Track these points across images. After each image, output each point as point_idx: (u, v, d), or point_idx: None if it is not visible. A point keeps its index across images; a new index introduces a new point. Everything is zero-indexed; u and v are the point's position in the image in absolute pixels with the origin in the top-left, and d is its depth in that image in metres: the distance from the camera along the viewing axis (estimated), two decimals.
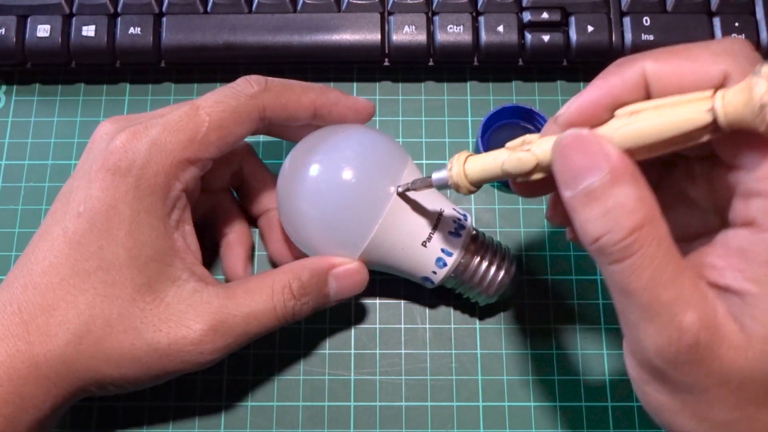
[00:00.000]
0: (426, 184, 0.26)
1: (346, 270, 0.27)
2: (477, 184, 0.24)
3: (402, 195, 0.27)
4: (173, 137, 0.24)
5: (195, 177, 0.26)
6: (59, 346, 0.23)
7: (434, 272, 0.28)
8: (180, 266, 0.25)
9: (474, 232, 0.29)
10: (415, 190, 0.26)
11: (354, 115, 0.28)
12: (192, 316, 0.24)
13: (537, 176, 0.22)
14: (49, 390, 0.23)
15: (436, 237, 0.28)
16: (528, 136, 0.22)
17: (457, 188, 0.24)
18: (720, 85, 0.19)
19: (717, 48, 0.19)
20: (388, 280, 0.33)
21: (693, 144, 0.19)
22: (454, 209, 0.28)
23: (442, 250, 0.28)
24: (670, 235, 0.19)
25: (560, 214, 0.25)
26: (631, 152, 0.19)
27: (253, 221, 0.33)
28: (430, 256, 0.28)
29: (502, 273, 0.29)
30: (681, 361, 0.18)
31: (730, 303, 0.19)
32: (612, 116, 0.20)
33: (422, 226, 0.27)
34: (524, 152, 0.21)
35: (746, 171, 0.19)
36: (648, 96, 0.20)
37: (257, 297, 0.26)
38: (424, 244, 0.27)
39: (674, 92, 0.19)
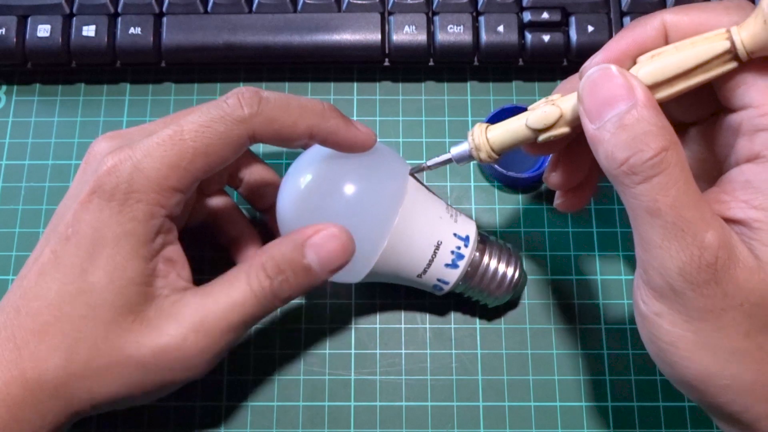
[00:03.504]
0: (443, 160, 0.26)
1: (323, 236, 0.25)
2: (499, 151, 0.24)
3: (409, 204, 0.27)
4: (155, 164, 0.24)
5: (179, 202, 0.25)
6: (50, 370, 0.23)
7: (438, 288, 0.29)
8: (161, 284, 0.25)
9: (479, 237, 0.29)
10: (429, 169, 0.27)
11: (350, 149, 0.27)
12: (172, 323, 0.24)
13: (560, 131, 0.23)
14: (45, 415, 0.24)
15: (432, 270, 0.28)
16: (550, 96, 0.24)
17: (478, 155, 0.25)
18: None
19: (729, 3, 0.22)
20: None
21: (710, 78, 0.21)
22: (454, 235, 0.28)
23: (438, 280, 0.29)
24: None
25: (557, 174, 0.27)
26: (653, 89, 0.21)
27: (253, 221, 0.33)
28: (428, 283, 0.29)
29: (509, 275, 0.29)
30: (701, 280, 0.19)
31: (737, 232, 0.20)
32: (635, 63, 0.22)
33: (418, 260, 0.28)
34: (549, 106, 0.23)
35: (752, 108, 0.21)
36: (667, 44, 0.22)
37: (233, 286, 0.25)
38: (419, 276, 0.28)
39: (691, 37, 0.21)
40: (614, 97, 0.20)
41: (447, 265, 0.28)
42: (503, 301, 0.30)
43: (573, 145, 0.26)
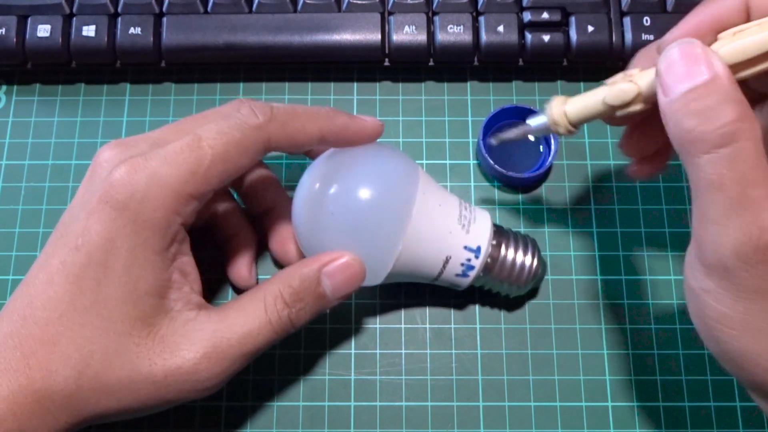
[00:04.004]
0: (522, 132, 0.27)
1: (337, 266, 0.26)
2: (576, 124, 0.25)
3: (418, 217, 0.27)
4: (174, 171, 0.23)
5: (194, 210, 0.25)
6: (60, 381, 0.23)
7: (454, 287, 0.30)
8: (175, 297, 0.25)
9: (496, 230, 0.29)
10: (509, 139, 0.27)
11: (362, 140, 0.28)
12: (186, 345, 0.24)
13: (637, 107, 0.23)
14: (51, 424, 0.23)
15: (444, 278, 0.29)
16: (629, 71, 0.23)
17: (556, 128, 0.25)
18: None
19: None
20: None
21: None
22: (465, 248, 0.28)
23: (452, 283, 0.30)
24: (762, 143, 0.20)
25: (632, 144, 0.27)
26: (735, 69, 0.20)
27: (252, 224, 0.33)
28: (443, 284, 0.30)
29: (528, 265, 0.30)
30: (756, 260, 0.19)
31: None
32: (715, 39, 0.22)
33: (429, 270, 0.28)
34: (626, 83, 0.23)
35: None
36: (749, 20, 0.21)
37: (250, 314, 0.25)
38: (434, 280, 0.29)
39: None
40: (692, 72, 0.20)
41: (457, 275, 0.29)
42: (524, 291, 0.30)
43: (648, 119, 0.26)
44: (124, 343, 0.24)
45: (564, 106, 0.25)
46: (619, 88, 0.23)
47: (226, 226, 0.31)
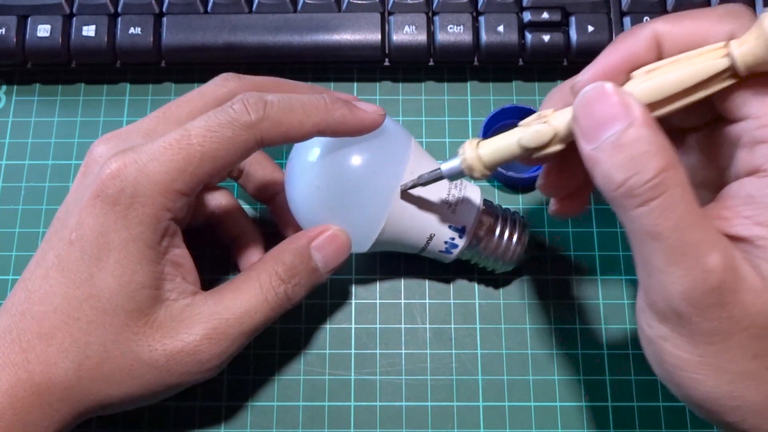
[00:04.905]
0: (434, 177, 0.26)
1: (324, 239, 0.27)
2: (491, 167, 0.24)
3: (405, 194, 0.27)
4: (163, 168, 0.23)
5: (184, 205, 0.25)
6: (59, 373, 0.23)
7: (441, 258, 0.30)
8: (169, 288, 0.25)
9: (484, 206, 0.29)
10: (422, 185, 0.26)
11: (360, 133, 0.27)
12: (185, 329, 0.25)
13: (554, 149, 0.22)
14: (52, 416, 0.24)
15: (429, 251, 0.29)
16: (542, 111, 0.23)
17: (470, 173, 0.24)
18: (729, 39, 0.20)
19: (721, 11, 0.21)
20: (389, 280, 0.33)
21: (708, 94, 0.20)
22: (449, 227, 0.29)
23: (436, 257, 0.30)
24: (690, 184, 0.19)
25: (551, 183, 0.26)
26: (652, 108, 0.20)
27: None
28: (430, 256, 0.30)
29: (515, 241, 0.30)
30: (706, 304, 0.19)
31: (741, 251, 0.19)
32: (629, 78, 0.21)
33: (414, 243, 0.29)
34: (541, 124, 0.22)
35: (752, 120, 0.20)
36: (661, 57, 0.21)
37: (246, 294, 0.26)
38: (420, 252, 0.30)
39: (686, 50, 0.20)
40: (610, 116, 0.19)
41: (441, 252, 0.29)
42: (510, 267, 0.31)
43: (567, 154, 0.25)
44: (122, 333, 0.24)
45: (478, 150, 0.24)
46: (535, 130, 0.22)
47: (232, 227, 0.31)
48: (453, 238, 0.29)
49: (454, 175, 0.25)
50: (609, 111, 0.19)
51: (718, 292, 0.19)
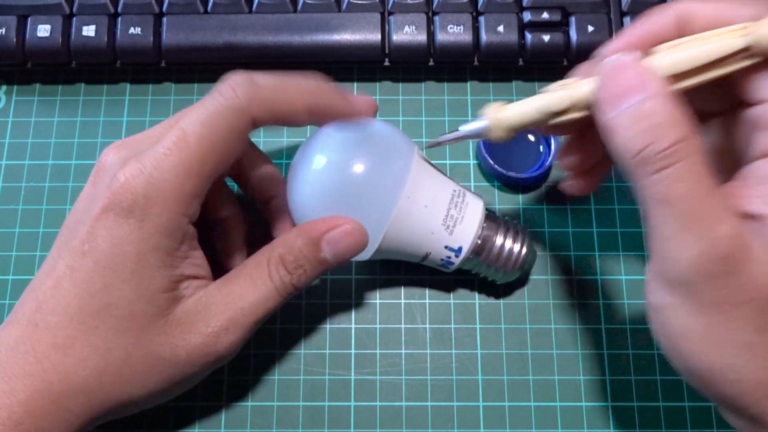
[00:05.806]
0: (456, 137, 0.26)
1: (339, 233, 0.27)
2: (512, 130, 0.25)
3: (402, 212, 0.27)
4: (166, 175, 0.23)
5: (198, 206, 0.25)
6: (79, 382, 0.23)
7: (443, 268, 0.30)
8: (185, 285, 0.25)
9: (486, 213, 0.30)
10: (440, 145, 0.27)
11: (353, 116, 0.27)
12: (203, 322, 0.25)
13: (573, 116, 0.23)
14: (70, 422, 0.24)
15: (428, 263, 0.30)
16: (565, 80, 0.24)
17: (490, 133, 0.25)
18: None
19: None
20: (389, 280, 0.33)
21: (725, 73, 0.21)
22: (445, 247, 0.29)
23: (438, 266, 0.30)
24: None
25: (571, 158, 0.27)
26: (670, 81, 0.21)
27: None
28: (431, 265, 0.30)
29: (516, 252, 0.30)
30: (714, 272, 0.19)
31: (752, 228, 0.20)
32: (650, 54, 0.22)
33: (414, 254, 0.29)
34: (562, 90, 0.23)
35: None
36: (683, 36, 0.22)
37: (257, 282, 0.26)
38: (421, 262, 0.30)
39: (709, 29, 0.21)
40: (631, 87, 0.20)
41: (439, 265, 0.30)
42: (512, 278, 0.31)
43: (587, 128, 0.26)
44: (144, 337, 0.24)
45: (501, 112, 0.24)
46: (557, 95, 0.23)
47: (217, 209, 0.30)
48: (449, 257, 0.29)
49: (475, 135, 0.26)
50: (630, 82, 0.20)
51: (727, 260, 0.19)
